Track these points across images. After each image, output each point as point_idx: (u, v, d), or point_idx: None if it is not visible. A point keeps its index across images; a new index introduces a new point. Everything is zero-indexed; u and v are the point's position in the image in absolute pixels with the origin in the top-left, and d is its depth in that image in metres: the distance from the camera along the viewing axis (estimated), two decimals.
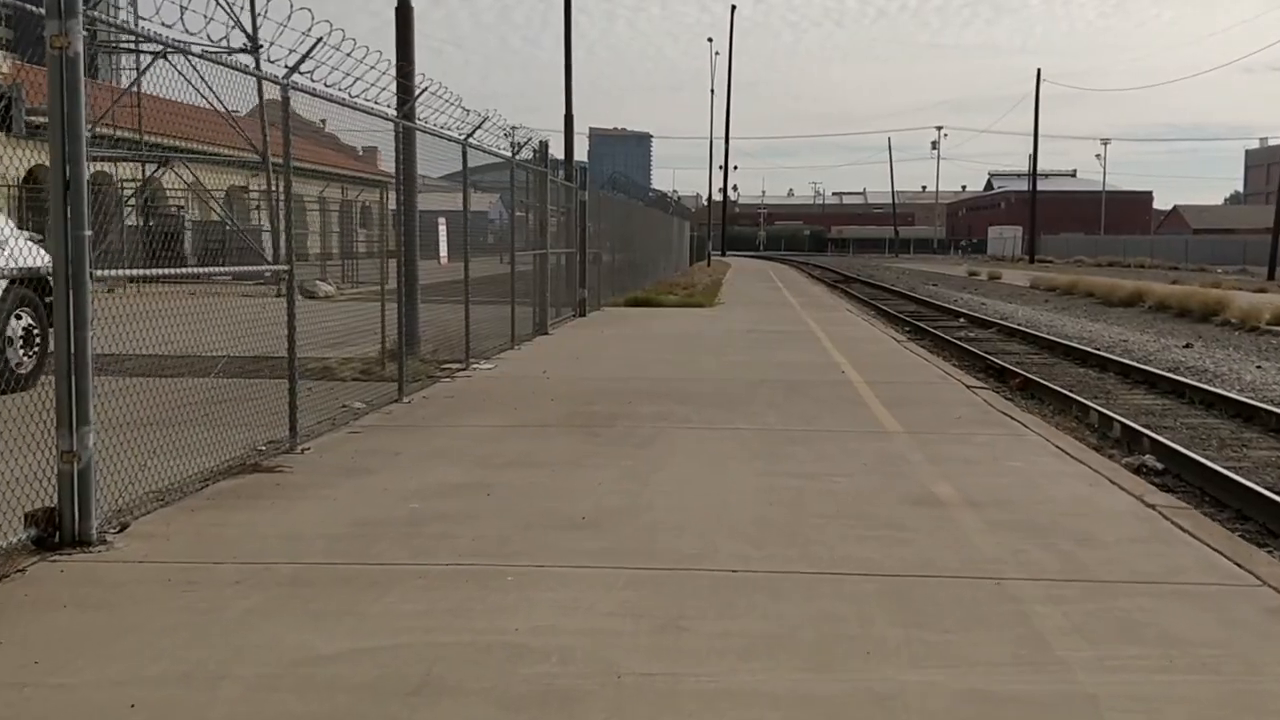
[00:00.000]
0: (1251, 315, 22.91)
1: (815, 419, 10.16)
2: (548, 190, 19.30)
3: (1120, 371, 15.90)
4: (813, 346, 16.93)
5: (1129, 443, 10.41)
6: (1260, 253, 72.69)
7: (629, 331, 19.68)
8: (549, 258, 21.78)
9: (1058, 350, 19.12)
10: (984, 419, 10.35)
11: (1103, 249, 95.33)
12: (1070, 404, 12.45)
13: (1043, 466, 8.19)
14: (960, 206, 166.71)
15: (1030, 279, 46.06)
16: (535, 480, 7.52)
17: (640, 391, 11.74)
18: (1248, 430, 11.30)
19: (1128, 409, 12.60)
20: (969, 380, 13.35)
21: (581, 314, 23.23)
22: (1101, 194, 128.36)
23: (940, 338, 20.87)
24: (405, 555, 5.76)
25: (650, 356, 15.52)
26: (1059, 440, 9.36)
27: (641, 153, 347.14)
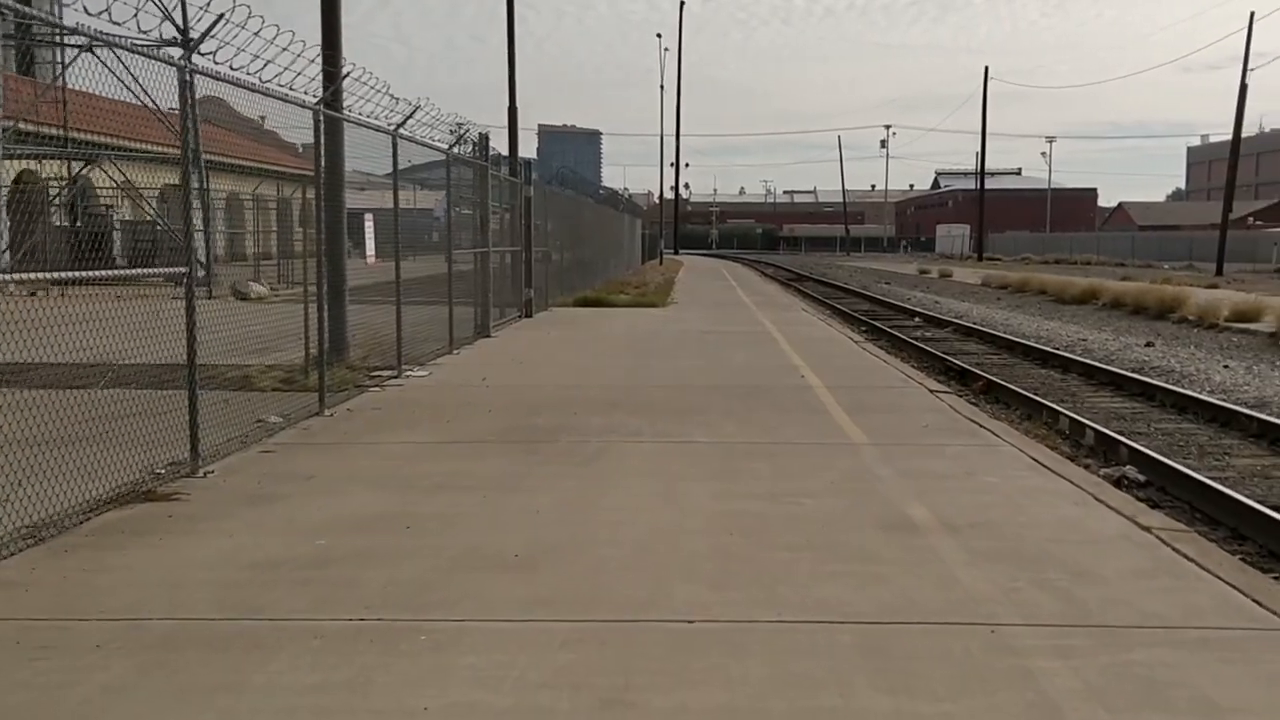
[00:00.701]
0: (1209, 312, 22.51)
1: (776, 429, 9.41)
2: (489, 186, 18.43)
3: (1084, 373, 15.32)
4: (770, 348, 16.21)
5: (1105, 452, 9.76)
6: (1205, 249, 73.24)
7: (577, 334, 18.87)
8: (492, 256, 20.98)
9: (1017, 350, 18.55)
10: (952, 427, 9.66)
11: (1049, 246, 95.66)
12: (1038, 409, 11.80)
13: (1021, 482, 7.50)
14: (909, 205, 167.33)
15: (981, 277, 45.74)
16: (464, 508, 6.69)
17: (587, 401, 10.94)
18: (1225, 436, 10.70)
19: (1097, 413, 11.98)
20: (931, 384, 12.68)
21: (527, 315, 22.38)
22: (1047, 192, 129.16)
23: (898, 338, 20.25)
24: (303, 607, 4.92)
25: (599, 361, 14.72)
26: (1033, 451, 8.68)
27: (591, 150, 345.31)
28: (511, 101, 27.15)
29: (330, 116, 11.40)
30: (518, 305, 22.45)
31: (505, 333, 18.78)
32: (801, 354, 15.35)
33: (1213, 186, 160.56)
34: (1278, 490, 8.48)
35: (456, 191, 18.62)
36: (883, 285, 45.18)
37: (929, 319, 25.82)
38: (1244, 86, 47.84)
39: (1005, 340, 19.74)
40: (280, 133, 43.16)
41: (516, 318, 21.86)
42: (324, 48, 12.68)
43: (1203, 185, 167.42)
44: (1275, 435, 10.25)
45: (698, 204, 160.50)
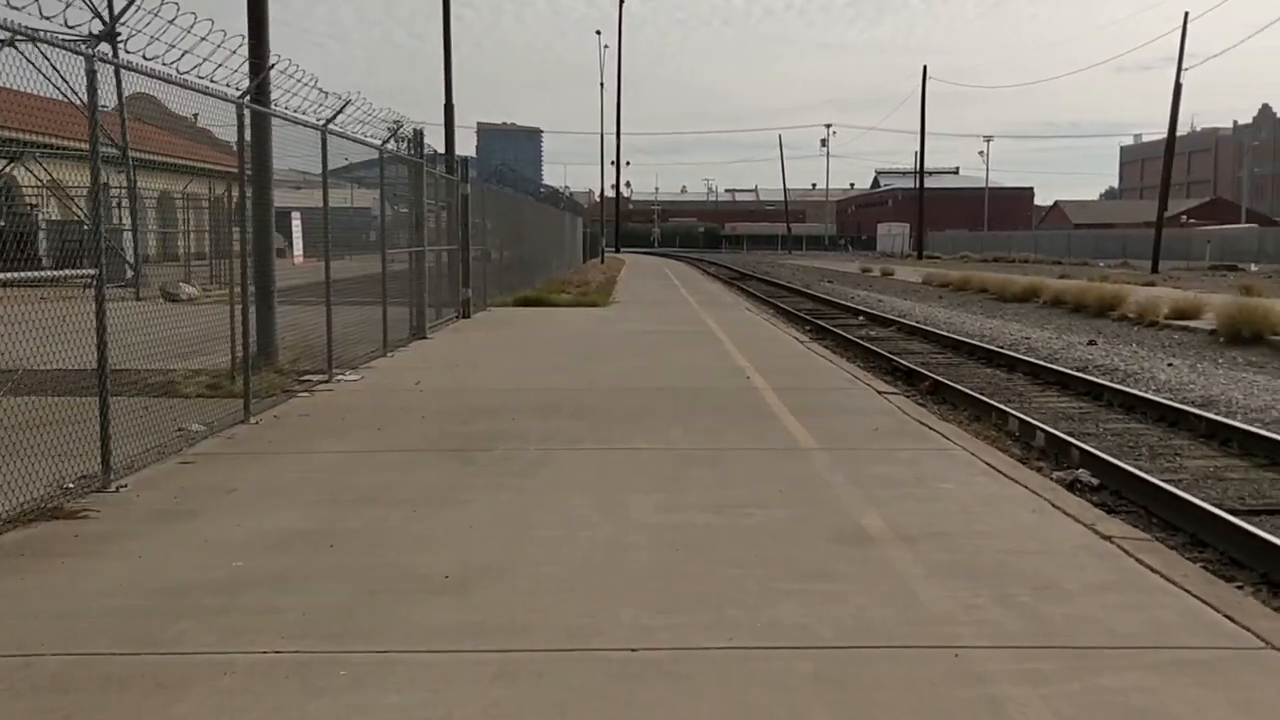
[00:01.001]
0: (1149, 310, 22.58)
1: (723, 434, 9.11)
2: (424, 183, 17.96)
3: (1029, 372, 15.20)
4: (715, 349, 15.93)
5: (1056, 454, 9.57)
6: (1139, 246, 74.28)
7: (516, 334, 18.46)
8: (428, 256, 20.52)
9: (961, 349, 18.44)
10: (902, 430, 9.42)
11: (988, 245, 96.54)
12: (987, 410, 11.61)
13: (976, 488, 7.25)
14: (850, 204, 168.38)
15: (922, 275, 45.90)
16: (393, 524, 6.30)
17: (526, 405, 10.57)
18: (1175, 436, 10.56)
19: (1046, 414, 11.82)
20: (878, 384, 12.46)
21: (465, 315, 21.93)
22: (984, 191, 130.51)
23: (842, 337, 20.07)
24: (212, 639, 4.52)
25: (539, 363, 14.34)
26: (985, 454, 8.45)
27: (532, 148, 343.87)
28: (448, 98, 26.68)
29: (255, 110, 10.93)
30: (455, 305, 22.01)
31: (442, 334, 18.33)
32: (747, 354, 15.08)
33: (1145, 185, 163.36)
34: (1233, 493, 8.32)
35: (392, 189, 18.16)
36: (826, 284, 45.17)
37: (873, 318, 25.72)
38: (1179, 86, 48.46)
39: (949, 339, 19.64)
40: (215, 131, 42.35)
41: (454, 318, 21.40)
42: (250, 40, 12.15)
43: (1136, 184, 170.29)
44: (1225, 435, 10.12)
45: (640, 202, 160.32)
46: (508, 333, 18.76)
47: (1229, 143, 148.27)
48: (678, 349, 15.89)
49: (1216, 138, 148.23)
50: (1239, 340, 18.02)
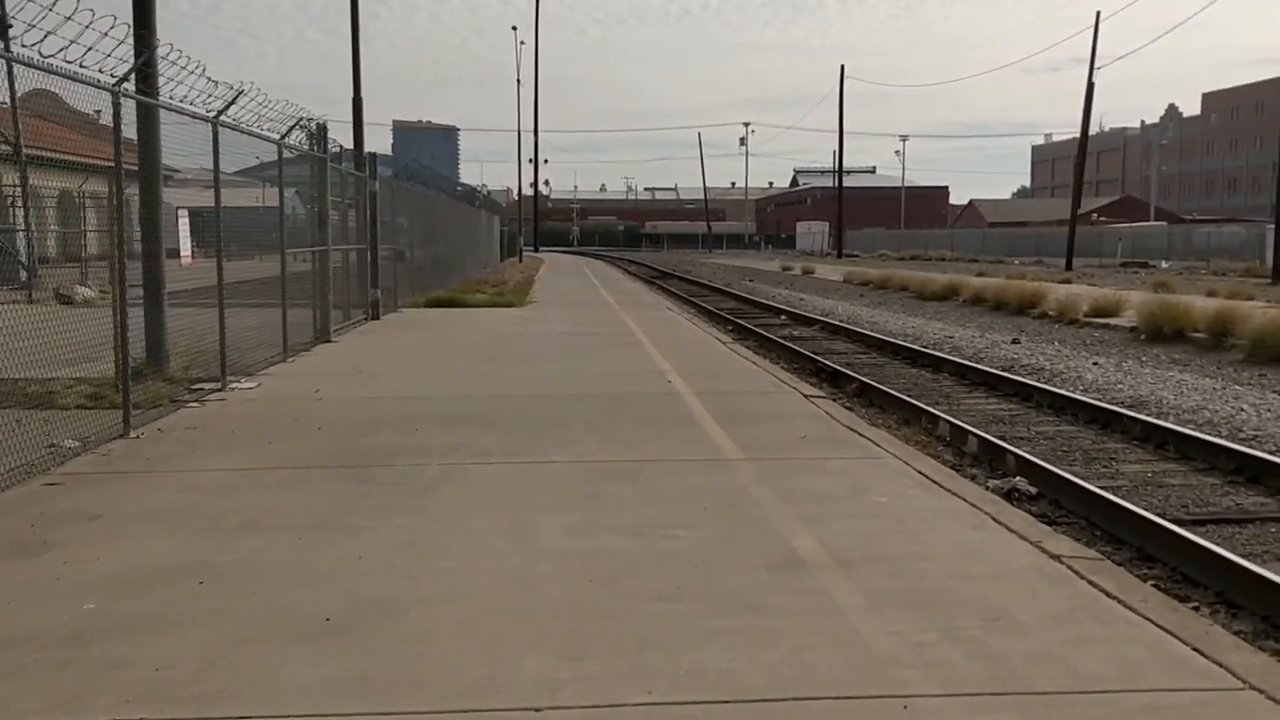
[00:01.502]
0: (1069, 307, 22.52)
1: (643, 444, 8.54)
2: (328, 180, 17.16)
3: (955, 372, 14.88)
4: (635, 351, 15.37)
5: (990, 460, 9.16)
6: (1052, 244, 75.43)
7: (427, 337, 17.74)
8: (335, 255, 19.72)
9: (886, 349, 18.11)
10: (831, 437, 8.94)
11: (905, 243, 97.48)
12: (917, 414, 11.20)
13: (912, 502, 6.78)
14: (769, 203, 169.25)
15: (843, 273, 45.87)
16: (274, 554, 5.64)
17: (433, 415, 9.91)
18: (1108, 439, 10.23)
19: (976, 416, 11.46)
20: (805, 387, 12.00)
21: (374, 317, 21.14)
22: (901, 190, 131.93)
23: (765, 337, 19.65)
24: (41, 705, 3.83)
25: (448, 368, 13.66)
26: (918, 463, 8.00)
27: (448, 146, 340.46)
28: (356, 92, 25.80)
29: (136, 100, 10.14)
30: (365, 307, 21.21)
31: (348, 337, 17.54)
32: (668, 357, 14.56)
33: (1056, 184, 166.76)
34: (1175, 500, 7.97)
35: (298, 187, 17.36)
36: (747, 282, 44.93)
37: (796, 317, 25.38)
38: (1091, 85, 49.08)
39: (873, 338, 19.31)
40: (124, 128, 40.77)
41: (363, 320, 20.61)
42: (136, 28, 11.32)
43: (1047, 183, 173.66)
44: (1160, 438, 9.80)
45: (559, 201, 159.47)
46: (418, 335, 18.03)
47: (1137, 142, 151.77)
48: (597, 352, 15.32)
49: (1125, 137, 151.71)
50: (1160, 337, 17.93)
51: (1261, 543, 6.95)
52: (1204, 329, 17.29)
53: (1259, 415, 11.02)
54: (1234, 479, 8.40)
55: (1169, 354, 16.68)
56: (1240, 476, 8.41)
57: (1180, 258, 64.45)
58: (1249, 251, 60.76)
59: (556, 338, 17.45)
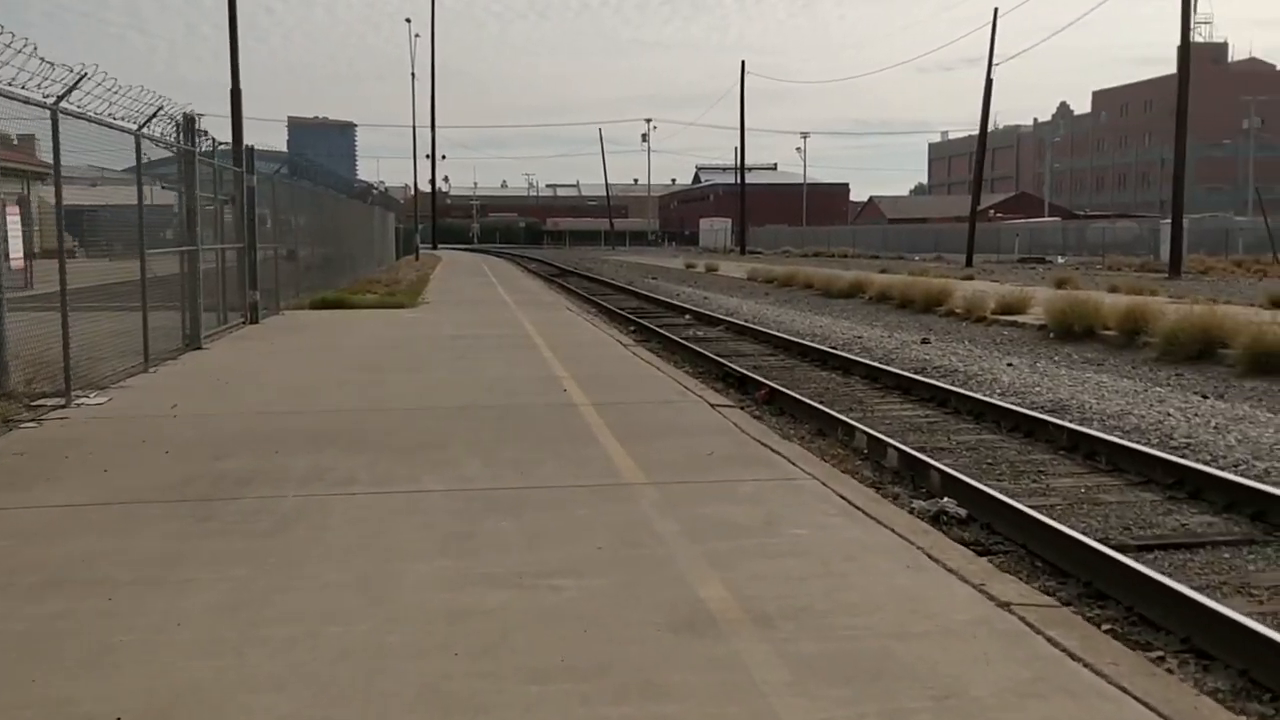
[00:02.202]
0: (976, 305, 22.09)
1: (533, 467, 7.62)
2: (196, 174, 15.89)
3: (867, 375, 14.20)
4: (530, 356, 14.42)
5: (913, 476, 8.42)
6: (951, 241, 76.18)
7: (308, 342, 16.57)
8: (209, 256, 18.45)
9: (793, 350, 17.41)
10: (741, 454, 8.12)
11: (807, 240, 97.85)
12: (830, 423, 10.44)
13: (835, 534, 5.97)
14: (672, 199, 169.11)
15: (747, 271, 45.30)
16: (73, 623, 4.61)
17: (299, 433, 8.87)
18: (1034, 449, 9.57)
19: (892, 424, 10.76)
20: (711, 395, 11.19)
21: (253, 321, 19.85)
22: (803, 186, 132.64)
23: (669, 339, 18.82)
24: None
25: (325, 377, 12.56)
26: (837, 483, 7.22)
27: (345, 143, 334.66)
28: (234, 82, 24.39)
29: None
30: (243, 310, 19.92)
31: (222, 343, 16.29)
32: (565, 362, 13.64)
33: (953, 181, 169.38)
34: (1115, 521, 7.29)
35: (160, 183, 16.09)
36: (650, 280, 44.18)
37: (700, 316, 24.62)
38: (989, 81, 49.30)
39: (780, 339, 18.61)
40: None
41: (240, 324, 19.33)
42: None
43: (943, 180, 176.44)
44: (1089, 447, 9.17)
45: (458, 198, 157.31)
46: (297, 340, 16.84)
47: (1029, 140, 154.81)
48: (489, 357, 14.34)
49: (1018, 135, 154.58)
50: (1071, 336, 17.52)
51: (1216, 571, 6.28)
52: (1115, 327, 16.91)
53: (1188, 421, 10.47)
54: (1174, 495, 7.76)
55: (1081, 353, 16.24)
56: (1180, 491, 7.79)
57: (1075, 253, 65.45)
58: (1142, 247, 61.92)
59: (446, 342, 16.41)
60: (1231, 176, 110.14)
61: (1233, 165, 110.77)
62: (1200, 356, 14.54)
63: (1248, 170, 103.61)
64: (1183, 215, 38.08)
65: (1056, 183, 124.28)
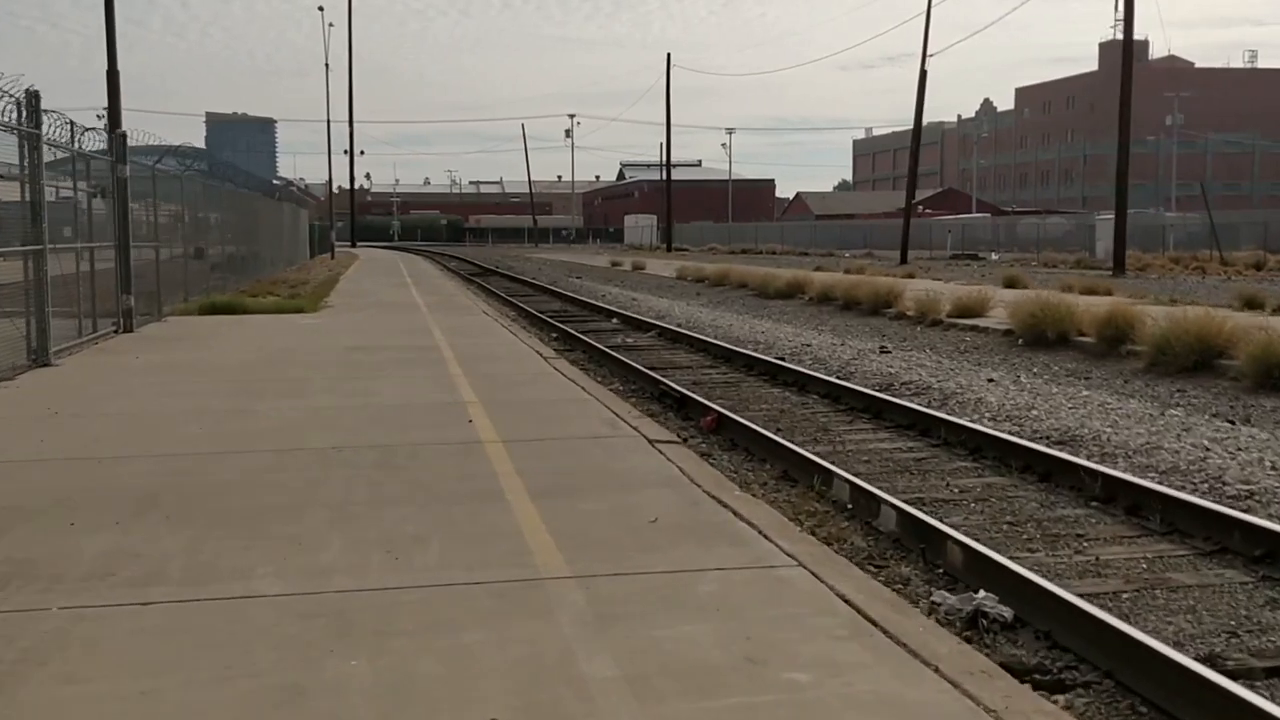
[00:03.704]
0: (929, 307, 20.32)
1: (413, 548, 5.55)
2: (42, 160, 13.50)
3: (827, 394, 12.25)
4: (435, 373, 12.30)
5: (921, 546, 6.45)
6: (881, 236, 75.19)
7: (182, 356, 14.24)
8: (81, 256, 16.11)
9: (736, 361, 15.43)
10: (695, 520, 6.13)
11: (734, 236, 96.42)
12: (798, 464, 8.45)
13: (853, 684, 3.99)
14: (596, 196, 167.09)
15: (676, 269, 43.34)
16: None
17: (119, 491, 6.73)
18: (1059, 499, 7.63)
19: (871, 462, 8.84)
20: (648, 425, 9.18)
21: (127, 329, 17.46)
22: (728, 183, 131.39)
23: (595, 348, 16.76)
24: None
25: (185, 403, 10.32)
26: (831, 572, 5.27)
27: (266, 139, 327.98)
28: (111, 63, 21.93)
29: None
30: (117, 316, 17.53)
31: (78, 359, 13.94)
32: (475, 381, 11.56)
33: (877, 177, 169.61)
34: (1210, 621, 5.34)
35: None
36: (574, 280, 42.07)
37: (628, 320, 22.54)
38: (924, 73, 47.90)
39: (720, 347, 16.62)
40: None
41: (112, 333, 16.94)
42: None
43: (868, 176, 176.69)
44: (1130, 498, 7.25)
45: (379, 194, 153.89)
46: (170, 353, 14.51)
47: (953, 136, 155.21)
48: (386, 374, 12.19)
49: (942, 131, 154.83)
50: (1043, 342, 15.79)
51: None
52: (1092, 333, 15.20)
53: (1233, 458, 8.62)
54: (1270, 574, 5.89)
55: (1060, 363, 14.47)
56: (1275, 568, 5.92)
57: (1006, 249, 64.58)
58: (1073, 242, 61.22)
59: (341, 354, 14.20)
60: (1153, 173, 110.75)
61: (1154, 161, 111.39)
62: (1196, 368, 12.86)
63: (1170, 166, 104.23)
64: (1126, 211, 36.88)
65: (980, 179, 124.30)
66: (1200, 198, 51.85)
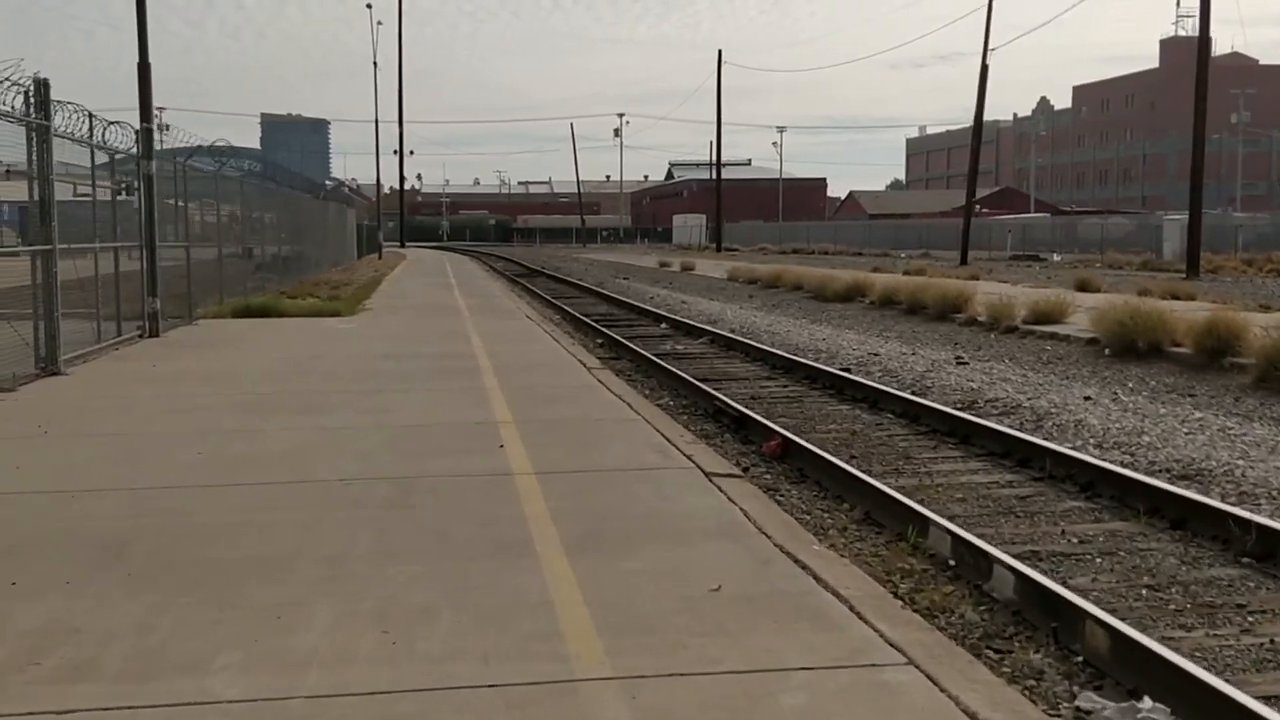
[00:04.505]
0: (1001, 312, 18.93)
1: (416, 627, 4.43)
2: (52, 153, 12.56)
3: (903, 413, 10.97)
4: (467, 385, 11.21)
5: (1053, 625, 5.18)
6: (937, 236, 73.49)
7: (202, 365, 13.26)
8: (105, 256, 15.26)
9: (797, 372, 14.19)
10: (766, 591, 4.96)
11: (786, 236, 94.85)
12: (882, 504, 7.22)
13: None
14: (644, 196, 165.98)
15: (727, 270, 42.05)
16: None
17: (81, 536, 5.71)
18: (1200, 551, 6.35)
19: (968, 502, 7.60)
20: (702, 452, 8.01)
21: (152, 334, 16.56)
22: (779, 181, 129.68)
23: (641, 355, 15.59)
24: None
25: (190, 421, 9.29)
26: (953, 675, 4.11)
27: (319, 140, 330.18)
28: (142, 55, 20.97)
29: None
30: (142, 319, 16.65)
31: (92, 367, 13.01)
32: (510, 394, 10.45)
33: (930, 176, 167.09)
34: None
35: None
36: (621, 281, 40.92)
37: (679, 325, 21.33)
38: (985, 68, 46.29)
39: (779, 356, 15.37)
40: None
41: (136, 338, 16.06)
42: None
43: (921, 175, 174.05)
44: None
45: (429, 194, 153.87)
46: (191, 361, 13.54)
47: (1008, 135, 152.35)
48: (415, 387, 11.13)
49: (997, 130, 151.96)
50: (1133, 354, 14.41)
51: None
52: (1190, 344, 13.81)
53: None
54: None
55: (1156, 378, 13.09)
56: None
57: (1066, 250, 62.63)
58: (1136, 243, 59.19)
59: (370, 364, 13.16)
60: (1216, 171, 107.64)
61: (1218, 160, 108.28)
62: None
63: (1235, 165, 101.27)
64: (1201, 211, 35.13)
65: (1037, 178, 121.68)
66: (1266, 197, 49.75)
